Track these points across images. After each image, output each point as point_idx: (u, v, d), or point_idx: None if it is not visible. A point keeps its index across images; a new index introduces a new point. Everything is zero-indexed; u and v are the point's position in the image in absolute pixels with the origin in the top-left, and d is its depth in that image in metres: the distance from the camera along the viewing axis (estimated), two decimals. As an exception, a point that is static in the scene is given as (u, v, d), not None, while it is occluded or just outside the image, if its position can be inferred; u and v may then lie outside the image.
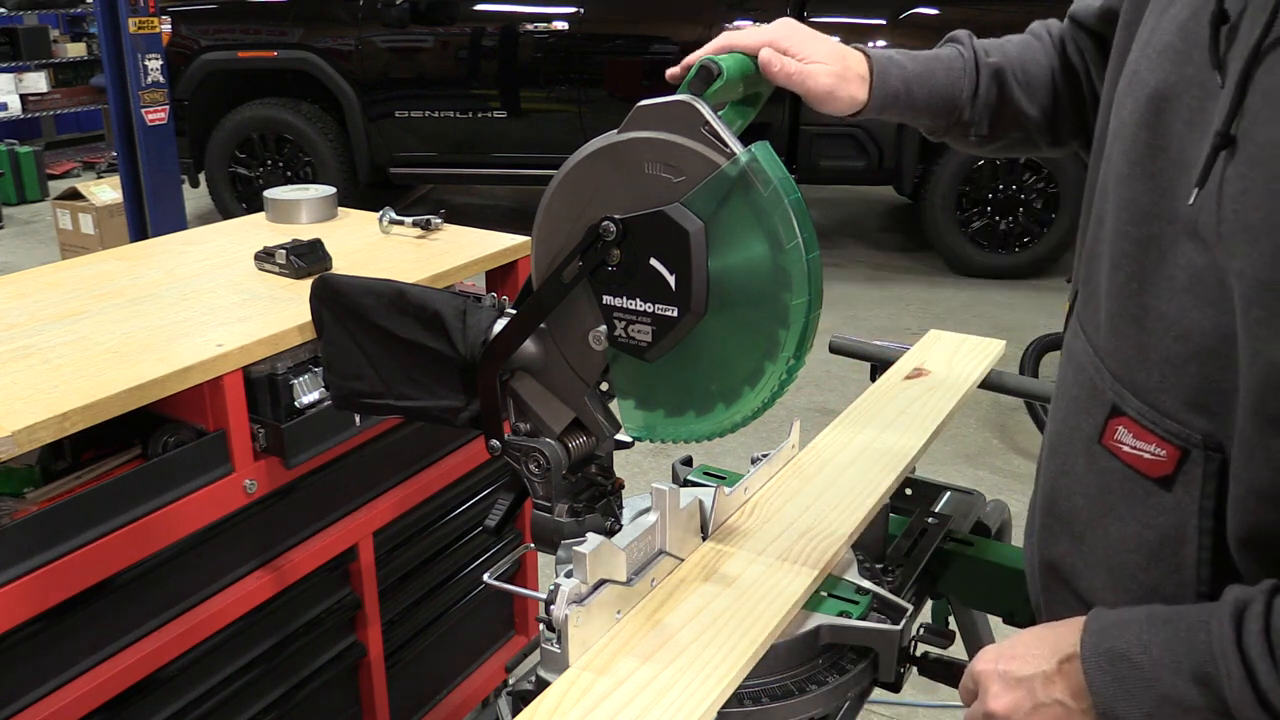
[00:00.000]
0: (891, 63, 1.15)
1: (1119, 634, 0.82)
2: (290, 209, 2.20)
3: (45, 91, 8.12)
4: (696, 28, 5.52)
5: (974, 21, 5.31)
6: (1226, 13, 0.80)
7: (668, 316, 0.95)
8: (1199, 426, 0.83)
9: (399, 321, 1.10)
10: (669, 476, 1.33)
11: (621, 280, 0.96)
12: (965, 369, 1.59)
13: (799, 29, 1.13)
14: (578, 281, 0.98)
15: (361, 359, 1.14)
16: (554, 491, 1.06)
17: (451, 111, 5.81)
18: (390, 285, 1.11)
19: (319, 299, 1.15)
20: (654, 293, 0.95)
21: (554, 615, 0.95)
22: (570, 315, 1.01)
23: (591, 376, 1.03)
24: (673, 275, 0.94)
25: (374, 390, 1.14)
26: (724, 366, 0.96)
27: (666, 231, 0.93)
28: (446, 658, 2.13)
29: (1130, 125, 0.89)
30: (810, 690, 1.03)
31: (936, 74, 1.17)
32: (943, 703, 2.41)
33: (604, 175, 0.96)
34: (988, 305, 5.17)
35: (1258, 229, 0.73)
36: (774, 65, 1.08)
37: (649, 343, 0.97)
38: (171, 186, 4.20)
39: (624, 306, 0.97)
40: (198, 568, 1.55)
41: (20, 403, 1.32)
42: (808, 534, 1.15)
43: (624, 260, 0.96)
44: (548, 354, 1.04)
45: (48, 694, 1.37)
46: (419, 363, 1.11)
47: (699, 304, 0.93)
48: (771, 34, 1.10)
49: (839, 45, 1.14)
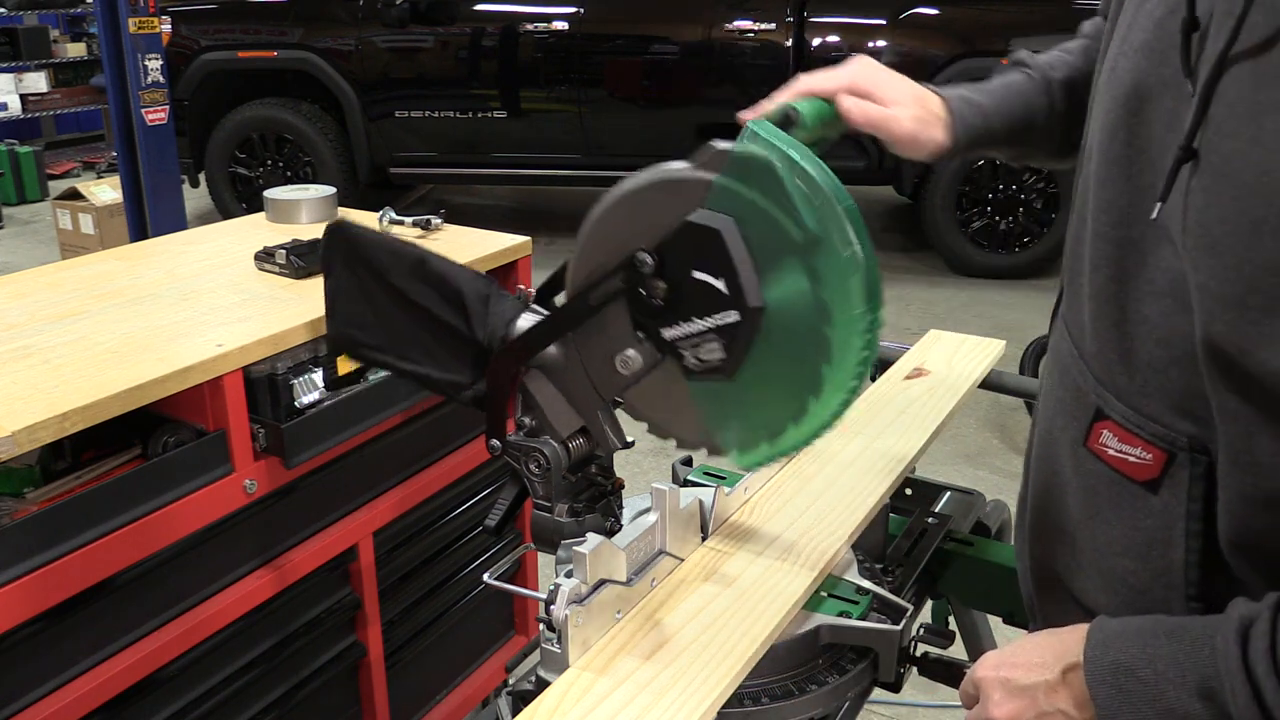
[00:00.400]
0: (966, 101, 1.12)
1: (1123, 646, 0.81)
2: (290, 209, 2.20)
3: (45, 91, 8.12)
4: (696, 28, 5.52)
5: (974, 21, 5.31)
6: (1197, 19, 0.78)
7: (730, 323, 0.91)
8: (1184, 430, 0.82)
9: (416, 287, 1.07)
10: (669, 476, 1.33)
11: (674, 308, 0.93)
12: (965, 369, 1.59)
13: (878, 70, 1.09)
14: (602, 308, 0.96)
15: (367, 310, 1.10)
16: (554, 491, 1.06)
17: (451, 111, 5.81)
18: (412, 250, 1.08)
19: (331, 245, 1.11)
20: (708, 305, 0.92)
21: (554, 615, 0.95)
22: (599, 333, 0.99)
23: (609, 393, 1.02)
24: (720, 279, 0.90)
25: (376, 344, 1.12)
26: (799, 359, 0.92)
27: (698, 239, 0.90)
28: (446, 658, 2.13)
29: (1108, 125, 0.88)
30: (810, 690, 1.03)
31: (1011, 102, 1.13)
32: (943, 703, 2.41)
33: (660, 204, 0.92)
34: (988, 305, 5.17)
35: (1221, 243, 0.72)
36: (855, 112, 1.05)
37: (723, 358, 0.93)
38: (171, 186, 4.20)
39: (686, 333, 0.94)
40: (198, 568, 1.55)
41: (20, 403, 1.32)
42: (807, 534, 1.15)
43: (669, 286, 0.93)
44: (569, 361, 1.02)
45: (48, 694, 1.37)
46: (430, 331, 1.08)
47: (755, 296, 0.90)
48: (850, 77, 1.07)
49: (917, 86, 1.11)
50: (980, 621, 1.55)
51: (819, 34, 5.39)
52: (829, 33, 5.41)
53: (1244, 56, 0.72)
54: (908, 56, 5.33)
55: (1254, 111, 0.71)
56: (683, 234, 0.91)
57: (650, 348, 0.97)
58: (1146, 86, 0.83)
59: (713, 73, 5.54)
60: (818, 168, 0.86)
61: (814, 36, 5.39)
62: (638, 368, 0.98)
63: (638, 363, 0.97)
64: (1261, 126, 0.70)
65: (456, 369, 1.08)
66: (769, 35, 5.41)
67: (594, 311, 0.97)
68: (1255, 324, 0.71)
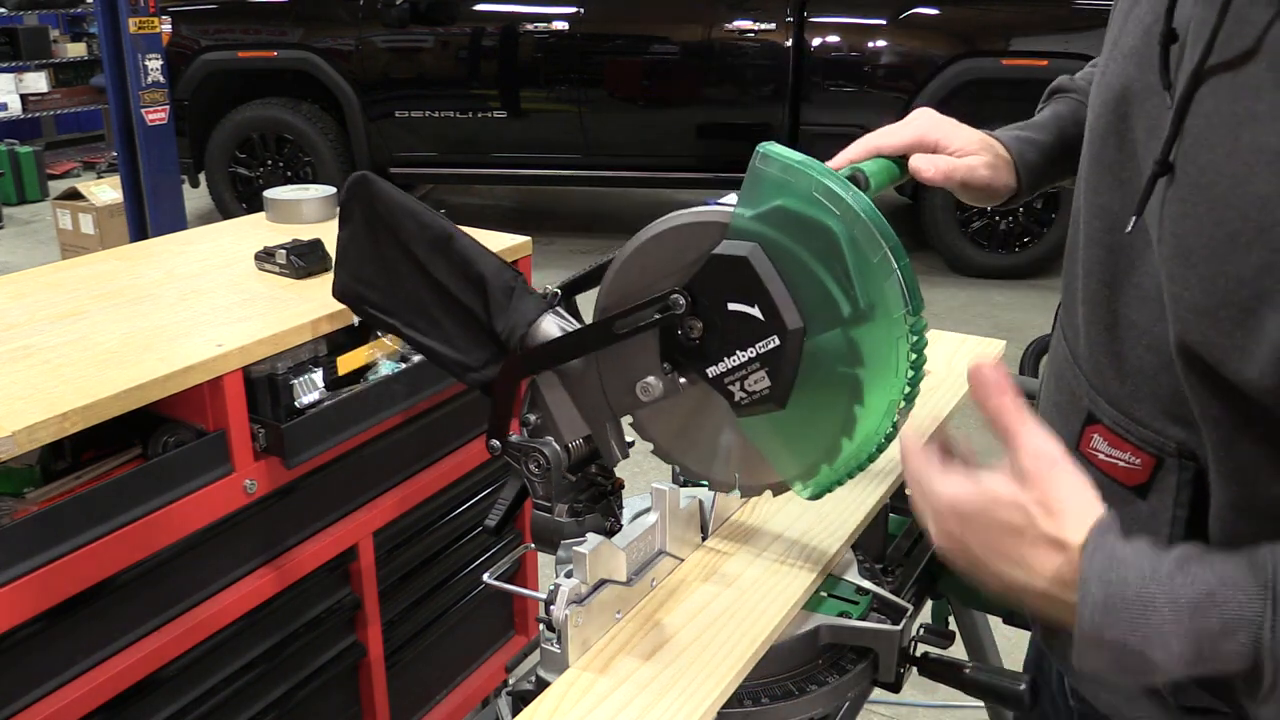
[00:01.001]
0: (1023, 141, 1.10)
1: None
2: (290, 209, 2.20)
3: (45, 91, 8.12)
4: (696, 28, 5.53)
5: (974, 21, 5.31)
6: (1175, 31, 0.78)
7: (772, 349, 0.90)
8: (1173, 435, 0.82)
9: (437, 262, 1.04)
10: (669, 477, 1.33)
11: (715, 344, 0.93)
12: (965, 369, 1.58)
13: (942, 121, 1.08)
14: (625, 339, 0.96)
15: (380, 270, 1.08)
16: (554, 491, 1.06)
17: (451, 111, 5.81)
18: (440, 223, 1.05)
19: (353, 196, 1.07)
20: (748, 334, 0.91)
21: (554, 615, 0.95)
22: (624, 357, 0.98)
23: (621, 411, 1.01)
24: (754, 306, 0.89)
25: (383, 305, 1.09)
26: (834, 369, 0.91)
27: (726, 270, 0.89)
28: (446, 658, 2.13)
29: (1099, 129, 0.88)
30: (810, 690, 1.03)
31: (1066, 132, 1.12)
32: (943, 703, 2.41)
33: (684, 244, 0.92)
34: (988, 305, 5.17)
35: (1196, 254, 0.72)
36: (929, 171, 1.04)
37: (770, 385, 0.92)
38: (171, 186, 4.20)
39: (730, 367, 0.92)
40: (198, 568, 1.55)
41: (20, 403, 1.32)
42: (807, 534, 1.15)
43: (705, 324, 0.92)
44: (586, 372, 1.01)
45: (48, 694, 1.37)
46: (443, 308, 1.06)
47: (792, 318, 0.89)
48: (916, 133, 1.06)
49: (979, 132, 1.09)
50: (980, 622, 1.55)
51: (819, 34, 5.39)
52: (829, 33, 5.41)
53: (1220, 69, 0.72)
54: (908, 56, 5.34)
55: (1230, 124, 0.71)
56: (711, 267, 0.90)
57: (673, 379, 0.97)
58: (1134, 92, 0.83)
59: (713, 73, 5.54)
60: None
61: (814, 36, 5.39)
62: (657, 395, 0.98)
63: (657, 390, 0.97)
64: (1238, 139, 0.70)
65: (466, 350, 1.06)
66: (769, 35, 5.41)
67: (618, 339, 0.97)
68: (1228, 335, 0.71)
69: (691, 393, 0.98)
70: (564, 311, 1.05)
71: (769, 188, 0.88)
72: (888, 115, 4.75)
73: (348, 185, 1.08)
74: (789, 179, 0.87)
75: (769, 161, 0.88)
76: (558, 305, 1.05)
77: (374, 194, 1.07)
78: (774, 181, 0.88)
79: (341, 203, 1.09)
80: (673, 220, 0.93)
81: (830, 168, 0.90)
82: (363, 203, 1.07)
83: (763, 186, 0.88)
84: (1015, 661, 1.31)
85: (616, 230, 6.63)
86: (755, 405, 0.93)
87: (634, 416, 1.03)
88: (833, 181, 0.86)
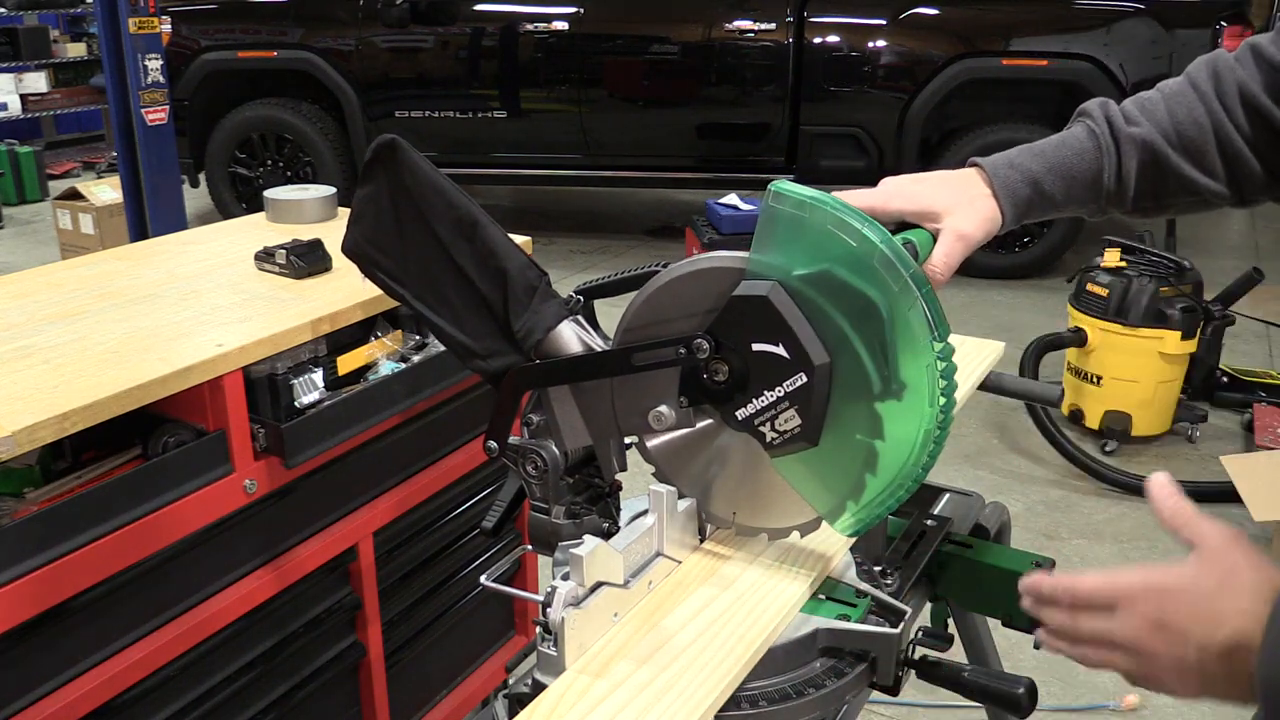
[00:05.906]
0: (1012, 168, 1.05)
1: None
2: (290, 209, 2.20)
3: (45, 91, 8.12)
4: (696, 28, 5.52)
5: (974, 21, 5.31)
6: None
7: (800, 386, 0.90)
8: None
9: (460, 245, 1.02)
10: (668, 478, 1.33)
11: (742, 386, 0.93)
12: (964, 369, 1.58)
13: (915, 184, 1.04)
14: (640, 370, 0.96)
15: (396, 239, 1.04)
16: (551, 493, 1.06)
17: (451, 111, 5.81)
18: (469, 208, 1.03)
19: (378, 159, 1.03)
20: (775, 374, 0.91)
21: (551, 618, 0.95)
22: (641, 385, 0.99)
23: (628, 432, 1.02)
24: (778, 345, 0.89)
25: (394, 274, 1.06)
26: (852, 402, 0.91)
27: (748, 311, 0.89)
28: (446, 658, 2.13)
29: None
30: (808, 694, 1.03)
31: (1070, 163, 1.06)
32: (942, 703, 2.41)
33: (703, 289, 0.92)
34: (988, 305, 5.16)
35: None
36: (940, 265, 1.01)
37: (800, 424, 0.92)
38: (171, 186, 4.19)
39: (760, 407, 0.93)
40: (198, 568, 1.55)
41: (20, 403, 1.32)
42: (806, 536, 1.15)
43: (731, 367, 0.92)
44: (599, 390, 1.01)
45: (48, 694, 1.37)
46: (457, 290, 1.03)
47: (818, 353, 0.88)
48: (908, 206, 1.02)
49: (947, 176, 1.05)
50: (979, 624, 1.54)
51: (819, 34, 5.39)
52: (829, 33, 5.40)
53: None
54: (908, 56, 5.34)
55: None
56: (732, 310, 0.90)
57: (686, 412, 0.98)
58: None
59: (713, 73, 5.54)
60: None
61: (814, 36, 5.38)
62: (668, 424, 0.99)
63: (670, 420, 0.99)
64: None
65: (475, 336, 1.04)
66: (769, 35, 5.41)
67: (635, 370, 0.97)
68: None
69: (718, 438, 0.99)
70: (583, 320, 1.05)
71: (784, 225, 0.88)
72: (888, 115, 4.76)
73: (374, 145, 1.04)
74: (803, 215, 0.87)
75: (782, 199, 0.88)
76: (578, 316, 1.04)
77: (402, 162, 1.03)
78: (788, 219, 0.88)
79: (366, 161, 1.05)
80: (692, 265, 0.93)
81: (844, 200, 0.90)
82: (387, 166, 1.04)
83: (777, 224, 0.88)
84: (1015, 664, 1.31)
85: (617, 230, 6.63)
86: (787, 445, 0.94)
87: (654, 462, 1.04)
88: (848, 214, 0.86)
